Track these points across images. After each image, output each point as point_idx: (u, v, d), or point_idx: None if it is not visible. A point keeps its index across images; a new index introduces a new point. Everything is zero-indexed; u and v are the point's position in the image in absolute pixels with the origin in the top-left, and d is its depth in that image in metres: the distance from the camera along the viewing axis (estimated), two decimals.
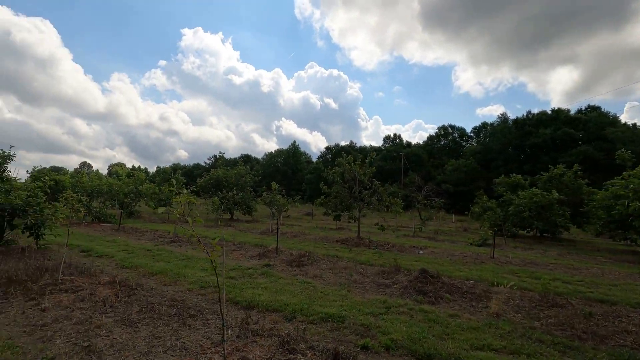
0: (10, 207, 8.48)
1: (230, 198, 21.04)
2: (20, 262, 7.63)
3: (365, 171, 13.40)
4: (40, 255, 8.68)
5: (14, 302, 5.12)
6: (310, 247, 11.61)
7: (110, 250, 9.92)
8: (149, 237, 13.19)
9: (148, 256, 9.34)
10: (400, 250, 11.91)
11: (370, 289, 6.64)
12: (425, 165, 58.36)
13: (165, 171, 35.52)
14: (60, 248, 10.11)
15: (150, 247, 10.89)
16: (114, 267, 7.95)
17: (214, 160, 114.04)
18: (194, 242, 11.80)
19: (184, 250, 10.44)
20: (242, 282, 6.76)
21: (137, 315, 4.78)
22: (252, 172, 26.69)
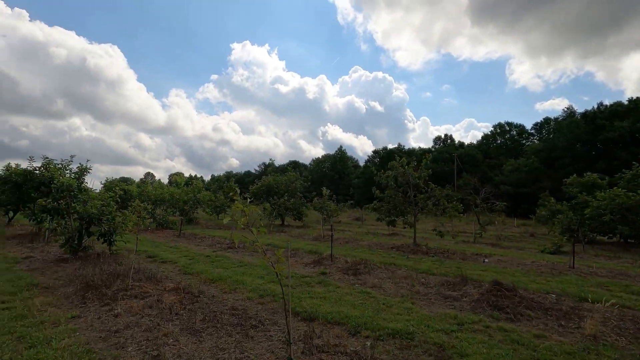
0: (87, 215, 9.21)
1: (282, 204, 21.34)
2: (96, 267, 8.20)
3: (421, 174, 12.74)
4: (113, 260, 9.29)
5: (91, 307, 5.42)
6: (364, 255, 11.24)
7: (173, 256, 10.38)
8: (208, 243, 13.70)
9: (207, 262, 9.61)
10: (462, 258, 11.08)
11: (436, 302, 6.13)
12: (480, 166, 55.02)
13: (219, 179, 37.18)
14: (130, 254, 10.79)
15: (209, 253, 11.24)
16: (177, 273, 8.25)
17: (264, 168, 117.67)
18: (250, 249, 12.00)
19: (241, 257, 10.62)
20: (300, 292, 6.61)
21: (201, 324, 4.79)
22: (301, 178, 26.94)
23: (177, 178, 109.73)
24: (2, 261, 9.27)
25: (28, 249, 11.19)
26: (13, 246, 12.02)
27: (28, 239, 13.47)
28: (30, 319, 4.87)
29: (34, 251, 10.78)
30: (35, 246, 11.68)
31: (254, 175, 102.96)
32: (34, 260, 9.21)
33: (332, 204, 17.15)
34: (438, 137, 76.71)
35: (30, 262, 8.97)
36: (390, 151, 72.49)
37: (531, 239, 19.57)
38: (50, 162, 15.30)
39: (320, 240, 15.07)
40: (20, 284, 6.71)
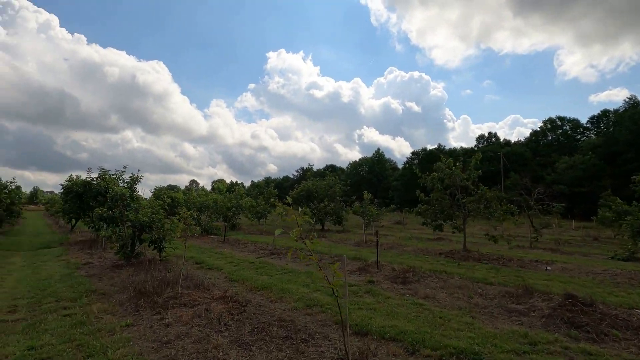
0: (139, 223, 9.59)
1: (322, 209, 21.19)
2: (148, 274, 8.45)
3: (470, 175, 11.96)
4: (162, 266, 9.57)
5: (144, 315, 5.50)
6: (411, 261, 10.71)
7: (219, 263, 10.51)
8: (251, 249, 13.82)
9: (252, 269, 9.60)
10: (520, 265, 10.20)
11: (499, 317, 5.56)
12: (529, 165, 51.56)
13: (259, 185, 37.89)
14: (178, 260, 11.09)
15: (253, 259, 11.28)
16: (224, 280, 8.28)
17: (302, 172, 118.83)
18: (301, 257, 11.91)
19: (284, 263, 10.53)
20: (349, 302, 6.31)
21: (250, 335, 4.65)
22: (340, 182, 26.68)
23: (219, 185, 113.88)
24: (65, 267, 9.89)
25: (87, 255, 11.90)
26: (75, 252, 12.86)
27: (87, 245, 14.39)
28: (88, 326, 5.00)
29: (93, 257, 11.43)
30: (94, 252, 12.41)
31: (292, 180, 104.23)
32: (93, 266, 9.72)
33: (374, 208, 16.67)
34: (481, 136, 73.13)
35: (89, 268, 9.47)
36: (430, 152, 70.22)
37: (595, 243, 17.81)
38: (105, 173, 16.33)
39: (363, 246, 14.68)
40: (80, 290, 7.03)
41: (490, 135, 70.79)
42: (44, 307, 5.91)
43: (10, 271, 9.27)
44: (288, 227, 29.11)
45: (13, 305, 6.06)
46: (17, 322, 5.25)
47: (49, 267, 9.90)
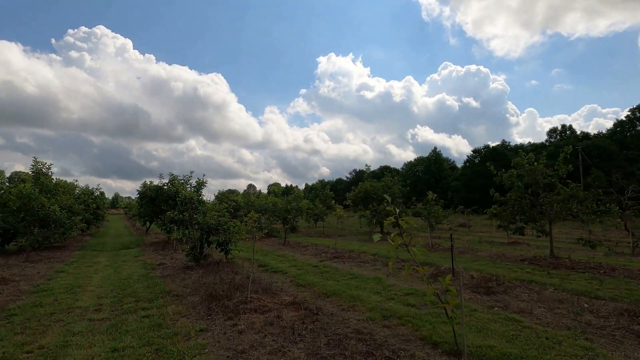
0: (207, 226, 9.81)
1: (382, 210, 20.42)
2: (216, 276, 8.55)
3: (559, 171, 10.50)
4: (229, 269, 9.67)
5: (216, 320, 5.41)
6: (490, 268, 9.64)
7: (283, 266, 10.40)
8: (312, 252, 13.61)
9: (317, 273, 9.30)
10: (627, 275, 8.63)
11: (626, 341, 4.55)
12: (616, 160, 45.43)
13: (315, 187, 38.00)
14: (243, 262, 11.19)
15: (316, 263, 11.01)
16: (290, 285, 8.07)
17: (355, 174, 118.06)
18: (357, 259, 11.44)
19: (348, 268, 10.09)
20: (427, 313, 5.68)
21: (327, 349, 4.27)
22: (398, 182, 25.63)
23: (275, 188, 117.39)
24: (142, 267, 10.46)
25: (161, 256, 12.57)
26: (150, 253, 13.69)
27: (160, 246, 15.29)
28: (165, 329, 5.00)
29: (165, 258, 12.02)
30: (166, 253, 13.08)
31: (346, 183, 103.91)
32: (166, 267, 10.15)
33: (439, 210, 15.59)
34: (553, 130, 66.40)
35: (163, 269, 9.89)
36: (493, 149, 65.40)
37: None
38: (175, 179, 17.31)
39: (430, 250, 13.71)
40: (155, 291, 7.25)
41: (563, 128, 64.05)
42: (125, 307, 6.11)
43: (96, 270, 10.00)
44: (344, 229, 28.57)
45: (98, 304, 6.37)
46: (102, 321, 5.44)
47: (129, 267, 10.54)
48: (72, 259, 12.27)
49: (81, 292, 7.33)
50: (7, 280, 8.32)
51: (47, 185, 14.63)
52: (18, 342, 4.53)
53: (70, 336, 4.78)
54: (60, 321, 5.40)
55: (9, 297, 6.84)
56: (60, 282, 8.22)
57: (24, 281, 8.35)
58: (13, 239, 14.10)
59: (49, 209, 12.61)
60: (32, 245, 11.95)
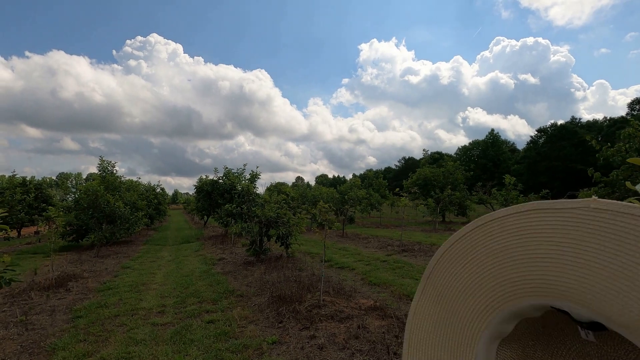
0: (266, 219, 9.20)
1: (446, 198, 18.76)
2: (280, 273, 7.89)
3: None
4: (292, 264, 9.00)
5: (289, 329, 4.63)
6: None
7: (348, 261, 9.52)
8: (375, 244, 12.60)
9: (388, 270, 8.28)
10: None
11: None
12: None
13: (367, 176, 36.72)
14: (305, 257, 10.51)
15: (383, 257, 9.98)
16: (362, 283, 7.15)
17: (404, 162, 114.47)
18: (429, 252, 10.23)
19: (422, 263, 8.94)
20: None
21: None
22: (461, 167, 23.54)
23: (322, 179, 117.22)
24: (203, 262, 10.18)
25: (220, 250, 12.33)
26: (209, 247, 13.59)
27: (219, 240, 15.21)
28: (233, 339, 4.33)
29: (225, 252, 11.73)
30: (225, 247, 12.85)
31: (395, 171, 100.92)
32: (226, 263, 9.76)
33: (517, 194, 13.70)
34: (636, 100, 58.05)
35: (224, 265, 9.49)
36: (562, 127, 58.92)
37: None
38: (229, 172, 17.19)
39: None
40: (219, 290, 6.72)
41: None
42: (189, 310, 5.60)
43: (160, 266, 9.89)
44: (400, 218, 26.86)
45: (162, 305, 5.94)
46: (165, 327, 4.93)
47: (190, 262, 10.33)
48: (138, 254, 12.47)
49: (145, 290, 7.03)
50: (78, 276, 8.37)
51: (112, 182, 15.15)
52: (80, 353, 4.10)
53: (133, 345, 4.27)
54: (123, 326, 4.97)
55: (77, 296, 6.70)
56: (125, 279, 8.08)
57: (92, 278, 8.35)
58: (86, 235, 14.82)
59: (114, 205, 12.93)
60: (100, 240, 12.32)
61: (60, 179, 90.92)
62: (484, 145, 79.53)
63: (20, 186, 20.36)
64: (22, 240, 21.17)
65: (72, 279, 8.08)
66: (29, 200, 19.25)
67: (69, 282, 7.77)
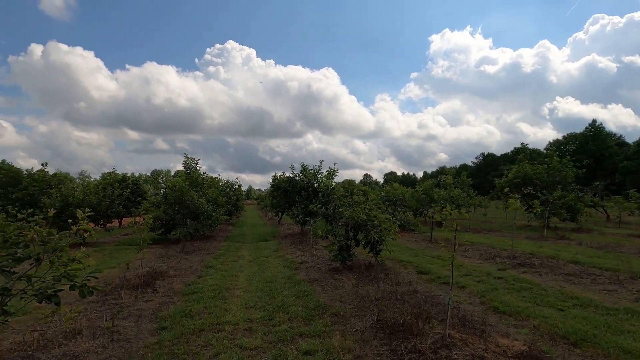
0: (355, 221, 8.11)
1: (554, 200, 15.79)
2: (375, 286, 6.75)
3: None
4: (384, 274, 7.80)
5: None
6: None
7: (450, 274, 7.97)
8: (475, 254, 10.75)
9: (510, 290, 6.60)
10: None
11: None
12: None
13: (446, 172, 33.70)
14: (395, 264, 9.23)
15: (495, 271, 8.23)
16: (481, 308, 5.65)
17: (482, 159, 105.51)
18: (556, 269, 8.18)
19: (555, 284, 7.03)
20: None
21: None
22: (570, 163, 19.87)
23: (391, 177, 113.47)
24: (284, 265, 9.50)
25: (300, 251, 11.63)
26: (287, 247, 13.03)
27: (297, 239, 14.63)
28: None
29: (305, 254, 10.98)
30: (304, 249, 12.13)
31: (471, 168, 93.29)
32: (310, 268, 8.91)
33: None
34: None
35: (307, 270, 8.66)
36: None
37: None
38: (306, 169, 16.56)
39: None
40: (309, 305, 5.80)
41: None
42: (279, 330, 4.73)
43: (241, 267, 9.45)
44: (489, 221, 23.61)
45: (248, 320, 5.20)
46: (255, 352, 4.11)
47: (271, 264, 9.74)
48: (219, 251, 12.37)
49: (229, 297, 6.43)
50: (165, 274, 8.22)
51: (196, 179, 15.51)
52: None
53: None
54: (209, 346, 4.27)
55: (163, 299, 6.34)
56: (209, 281, 7.66)
57: (178, 277, 8.11)
58: (173, 229, 15.38)
59: (198, 202, 13.04)
60: (185, 236, 12.50)
61: (153, 175, 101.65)
62: (583, 139, 69.52)
63: (120, 182, 22.34)
64: (121, 230, 23.32)
65: (159, 277, 7.92)
66: (126, 194, 20.95)
67: (157, 280, 7.59)
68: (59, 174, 25.81)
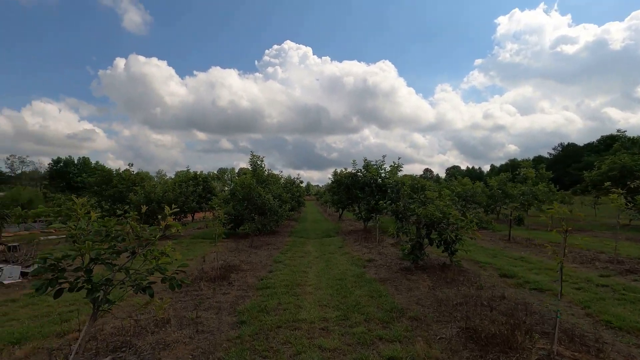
0: (429, 219, 7.61)
1: None
2: (455, 289, 6.25)
3: None
4: (463, 276, 7.22)
5: None
6: None
7: (540, 279, 7.10)
8: (570, 257, 9.50)
9: (620, 302, 5.64)
10: None
11: None
12: None
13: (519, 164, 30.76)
14: (472, 265, 8.53)
15: (595, 278, 7.15)
16: (587, 321, 4.86)
17: (561, 149, 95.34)
18: None
19: None
20: None
21: None
22: None
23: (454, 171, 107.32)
24: (351, 262, 9.31)
25: (366, 249, 11.36)
26: (351, 244, 12.83)
27: (360, 236, 14.38)
28: None
29: (372, 252, 10.68)
30: (370, 246, 11.83)
31: (548, 160, 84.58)
32: (379, 267, 8.61)
33: None
34: None
35: (377, 269, 8.36)
36: None
37: None
38: (369, 164, 16.19)
39: None
40: (384, 306, 5.53)
41: None
42: (356, 332, 4.54)
43: (309, 263, 9.47)
44: (575, 219, 20.72)
45: (323, 318, 5.09)
46: (334, 354, 3.95)
47: (338, 261, 9.61)
48: (286, 246, 12.61)
49: (301, 293, 6.41)
50: (238, 268, 8.52)
51: (262, 175, 16.01)
52: None
53: None
54: (287, 344, 4.22)
55: (239, 292, 6.53)
56: (279, 277, 7.76)
57: (250, 271, 8.36)
58: (241, 224, 16.09)
59: (264, 198, 13.42)
60: (254, 231, 12.95)
61: (219, 173, 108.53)
62: None
63: (193, 179, 24.04)
64: (194, 224, 25.14)
65: (233, 270, 8.22)
66: (199, 191, 22.46)
67: (231, 274, 7.88)
68: (141, 173, 28.60)
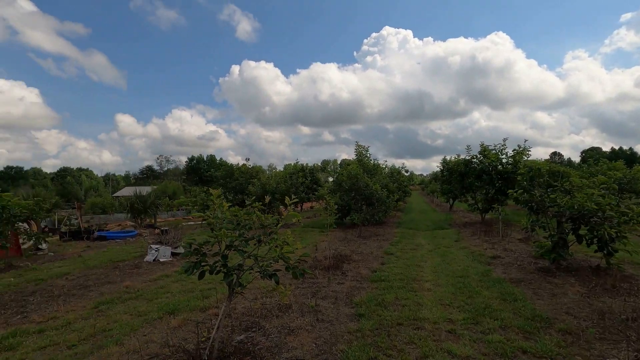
0: (577, 212, 6.26)
1: None
2: (617, 299, 5.01)
3: None
4: (625, 282, 5.77)
5: None
6: None
7: None
8: None
9: None
10: None
11: None
12: None
13: None
14: (637, 271, 6.80)
15: None
16: None
17: None
18: None
19: None
20: None
21: None
22: None
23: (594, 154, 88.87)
24: (472, 258, 8.42)
25: (487, 244, 10.17)
26: (469, 237, 11.69)
27: (478, 229, 13.01)
28: None
29: (495, 247, 9.50)
30: (492, 240, 10.56)
31: None
32: (507, 265, 7.55)
33: None
34: None
35: (505, 268, 7.34)
36: None
37: None
38: (486, 149, 14.46)
39: None
40: (523, 312, 4.73)
41: None
42: (491, 340, 3.96)
43: (423, 256, 8.93)
44: None
45: (448, 319, 4.62)
46: None
47: (455, 256, 8.82)
48: (395, 237, 12.22)
49: (419, 289, 6.01)
50: (349, 258, 8.54)
51: (368, 165, 15.83)
52: None
53: None
54: (412, 344, 3.92)
55: (353, 283, 6.49)
56: (392, 269, 7.47)
57: (362, 262, 8.28)
58: (348, 214, 16.26)
59: (372, 187, 13.22)
60: (363, 221, 12.90)
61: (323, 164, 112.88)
62: None
63: (301, 171, 25.42)
64: (303, 213, 26.63)
65: (344, 260, 8.26)
66: (307, 182, 23.61)
67: (343, 263, 7.92)
68: (256, 166, 31.58)
